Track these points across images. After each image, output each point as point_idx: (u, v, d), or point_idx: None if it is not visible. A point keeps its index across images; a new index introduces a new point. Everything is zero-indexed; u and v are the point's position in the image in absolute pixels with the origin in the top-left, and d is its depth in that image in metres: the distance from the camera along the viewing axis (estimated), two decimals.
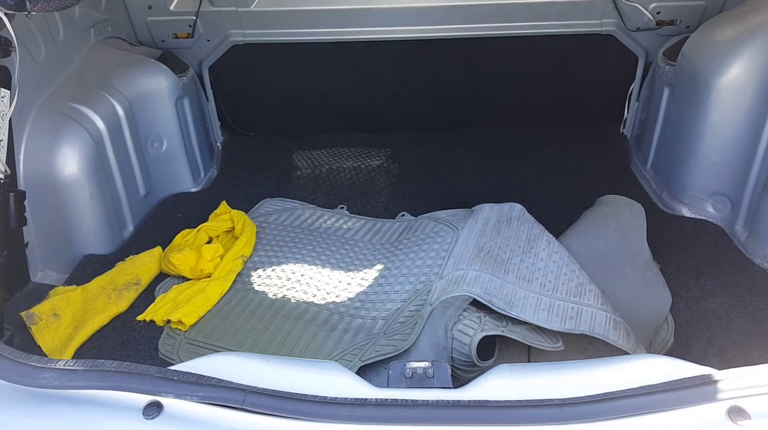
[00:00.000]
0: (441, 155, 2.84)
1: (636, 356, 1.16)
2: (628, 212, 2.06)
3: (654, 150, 2.51)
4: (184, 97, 2.53)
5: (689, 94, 2.19)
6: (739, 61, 2.01)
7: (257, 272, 2.02)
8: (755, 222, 2.01)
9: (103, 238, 2.13)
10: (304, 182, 2.70)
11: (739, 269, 1.93)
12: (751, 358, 1.61)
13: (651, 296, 1.87)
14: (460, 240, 1.98)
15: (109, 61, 2.34)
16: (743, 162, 2.06)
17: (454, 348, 1.58)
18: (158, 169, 2.46)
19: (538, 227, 2.00)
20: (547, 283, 1.78)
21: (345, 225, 2.32)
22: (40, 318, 1.78)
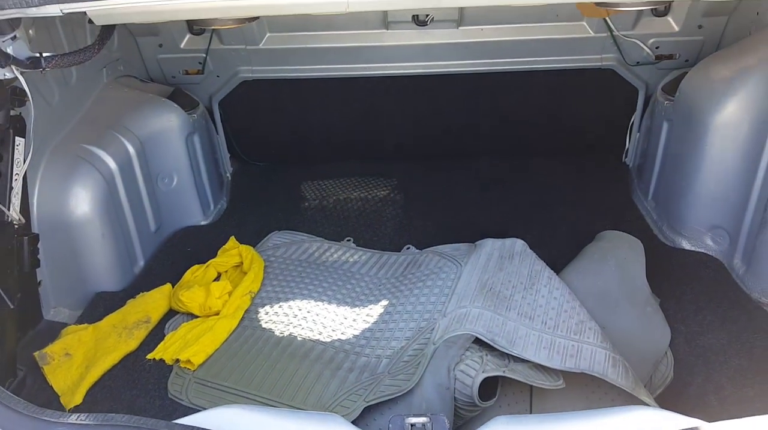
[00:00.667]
0: (446, 185, 2.90)
1: (630, 408, 1.18)
2: (627, 248, 2.10)
3: (655, 182, 2.55)
4: (195, 134, 2.60)
5: (687, 129, 2.24)
6: (734, 99, 2.05)
7: (265, 309, 2.07)
8: (752, 257, 2.05)
9: (115, 275, 2.19)
10: (312, 214, 2.76)
11: (737, 304, 1.96)
12: (747, 396, 1.64)
13: (651, 332, 1.91)
14: (463, 276, 2.02)
15: (121, 100, 2.41)
16: (740, 198, 2.09)
17: (456, 388, 1.61)
18: (168, 205, 2.53)
19: (539, 264, 2.04)
20: (548, 320, 1.82)
21: (351, 258, 2.37)
22: (53, 358, 1.83)
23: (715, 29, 2.50)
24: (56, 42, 2.04)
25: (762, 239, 2.00)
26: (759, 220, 2.02)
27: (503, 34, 2.58)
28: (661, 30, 2.55)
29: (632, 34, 2.56)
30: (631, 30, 2.56)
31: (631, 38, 2.57)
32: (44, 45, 1.87)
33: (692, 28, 2.51)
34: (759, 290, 2.02)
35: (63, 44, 2.07)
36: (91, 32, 2.22)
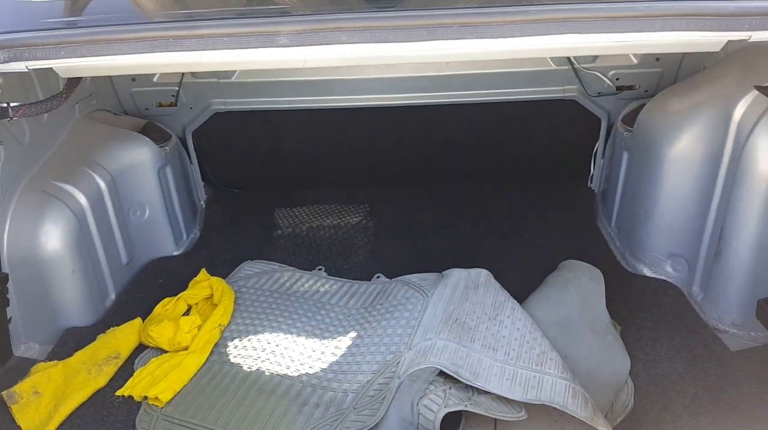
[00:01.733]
0: (416, 212, 2.95)
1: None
2: (588, 278, 2.16)
3: (617, 209, 2.63)
4: (167, 166, 2.63)
5: (645, 160, 2.32)
6: (688, 133, 2.13)
7: (234, 343, 2.09)
8: (709, 285, 2.12)
9: (85, 310, 2.20)
10: (284, 242, 2.80)
11: (694, 331, 2.03)
12: (701, 424, 1.69)
13: (611, 361, 1.96)
14: (429, 307, 2.07)
15: (93, 136, 2.44)
16: (696, 227, 2.17)
17: (419, 424, 1.65)
18: (140, 236, 2.55)
19: (503, 294, 2.10)
20: (511, 351, 1.87)
21: (322, 288, 2.40)
22: (21, 397, 1.84)
23: (673, 61, 2.60)
24: (28, 86, 2.06)
25: (717, 268, 2.07)
26: (714, 249, 2.09)
27: (468, 68, 2.65)
28: (621, 63, 2.64)
29: (593, 66, 2.65)
30: (592, 63, 2.65)
31: (592, 71, 2.66)
32: (15, 89, 1.90)
33: (650, 61, 2.61)
34: (715, 317, 2.10)
35: (36, 87, 2.09)
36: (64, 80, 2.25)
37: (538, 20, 1.23)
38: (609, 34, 1.25)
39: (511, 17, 1.24)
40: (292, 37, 1.25)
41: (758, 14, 1.28)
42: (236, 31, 1.27)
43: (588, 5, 1.27)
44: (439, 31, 1.23)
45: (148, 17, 1.47)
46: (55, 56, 1.34)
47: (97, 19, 1.40)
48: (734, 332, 2.05)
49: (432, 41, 1.23)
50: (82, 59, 1.33)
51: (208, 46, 1.27)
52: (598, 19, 1.24)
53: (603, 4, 1.27)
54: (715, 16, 1.27)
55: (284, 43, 1.25)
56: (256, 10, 1.37)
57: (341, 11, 1.31)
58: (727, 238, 2.01)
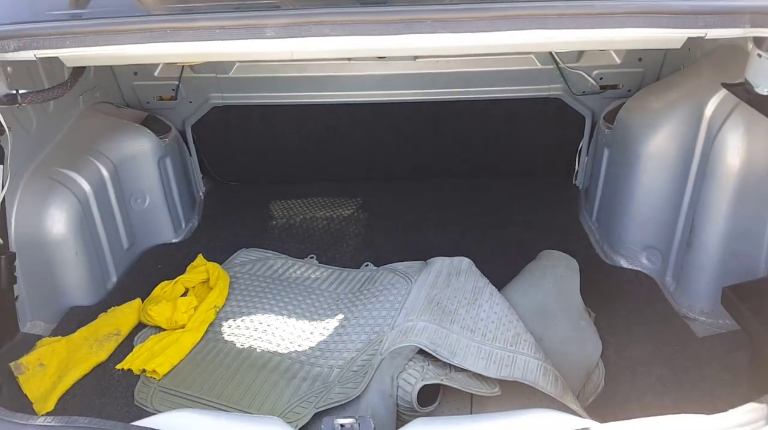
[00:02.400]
0: (406, 205, 3.06)
1: (535, 410, 1.33)
2: (564, 267, 2.27)
3: (598, 204, 2.74)
4: (167, 157, 2.75)
5: (623, 156, 2.42)
6: (663, 130, 2.24)
7: (228, 323, 2.21)
8: (681, 275, 2.23)
9: (88, 290, 2.32)
10: (279, 232, 2.91)
11: (664, 319, 2.13)
12: (664, 402, 1.80)
13: (583, 344, 2.07)
14: (412, 292, 2.18)
15: (96, 126, 2.56)
16: (670, 220, 2.28)
17: (398, 395, 1.76)
18: (141, 223, 2.67)
19: (482, 280, 2.21)
20: (487, 332, 1.98)
21: (313, 275, 2.52)
22: (27, 368, 1.95)
23: (655, 61, 2.70)
24: (35, 75, 2.18)
25: (688, 259, 2.18)
26: (686, 241, 2.20)
27: (457, 66, 2.76)
28: (605, 62, 2.75)
29: (577, 66, 2.76)
30: (576, 62, 2.75)
31: (576, 70, 2.76)
32: (23, 78, 2.02)
33: (633, 61, 2.71)
34: (686, 306, 2.20)
35: (41, 77, 2.21)
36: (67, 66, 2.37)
37: (505, 17, 1.34)
38: (573, 30, 1.36)
39: (479, 14, 1.34)
40: (278, 30, 1.36)
41: (712, 12, 1.39)
42: (228, 23, 1.38)
43: (554, 2, 1.38)
44: (415, 25, 1.34)
45: (147, 11, 1.59)
46: (62, 46, 1.45)
47: (100, 12, 1.52)
48: (703, 320, 2.15)
49: (407, 35, 1.34)
50: (86, 49, 1.44)
51: (203, 37, 1.38)
52: (563, 15, 1.34)
53: (567, 2, 1.38)
54: (671, 14, 1.37)
55: (271, 35, 1.36)
56: (247, 5, 1.48)
57: (325, 6, 1.42)
58: (698, 230, 2.11)
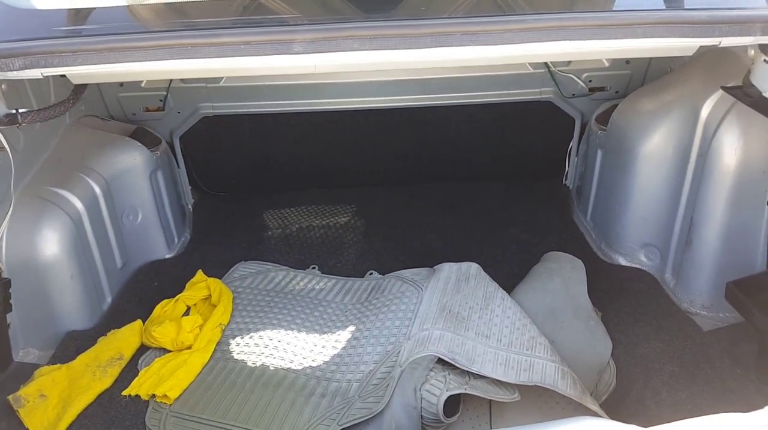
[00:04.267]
0: (404, 210, 3.06)
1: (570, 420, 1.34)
2: (570, 268, 2.30)
3: (592, 204, 2.79)
4: (158, 170, 2.67)
5: (618, 158, 2.47)
6: (658, 131, 2.29)
7: (236, 340, 2.16)
8: (680, 272, 2.28)
9: (84, 313, 2.23)
10: (276, 243, 2.86)
11: (668, 314, 2.18)
12: (680, 399, 1.84)
13: (594, 344, 2.10)
14: (424, 300, 2.17)
15: (85, 141, 2.46)
16: (668, 219, 2.33)
17: (423, 407, 1.75)
18: (134, 240, 2.58)
19: (492, 285, 2.22)
20: (502, 337, 1.99)
21: (317, 286, 2.48)
22: (27, 400, 1.86)
23: (641, 64, 2.77)
24: (22, 92, 2.08)
25: (687, 257, 2.24)
26: (684, 239, 2.26)
27: (451, 72, 2.77)
28: (593, 66, 2.80)
29: (567, 69, 2.80)
30: (567, 66, 2.80)
31: (567, 74, 2.81)
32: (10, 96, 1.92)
33: (620, 64, 2.77)
34: (687, 301, 2.26)
35: (29, 96, 2.11)
36: (55, 86, 2.27)
37: (534, 28, 1.35)
38: (596, 41, 1.38)
39: (509, 26, 1.35)
40: (306, 45, 1.33)
41: (727, 22, 1.43)
42: (253, 39, 1.34)
43: (578, 14, 1.40)
44: (443, 38, 1.33)
45: (158, 26, 1.53)
46: (72, 63, 1.39)
47: (111, 27, 1.45)
48: (705, 314, 2.21)
49: (437, 48, 1.34)
50: (97, 66, 1.38)
51: (226, 53, 1.34)
52: (588, 27, 1.36)
53: (591, 14, 1.40)
54: (690, 23, 1.41)
55: (299, 50, 1.33)
56: (270, 19, 1.45)
57: (351, 20, 1.40)
58: (697, 228, 2.17)
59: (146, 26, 1.54)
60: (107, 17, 1.63)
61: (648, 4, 1.54)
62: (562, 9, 1.44)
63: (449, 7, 1.51)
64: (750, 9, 1.50)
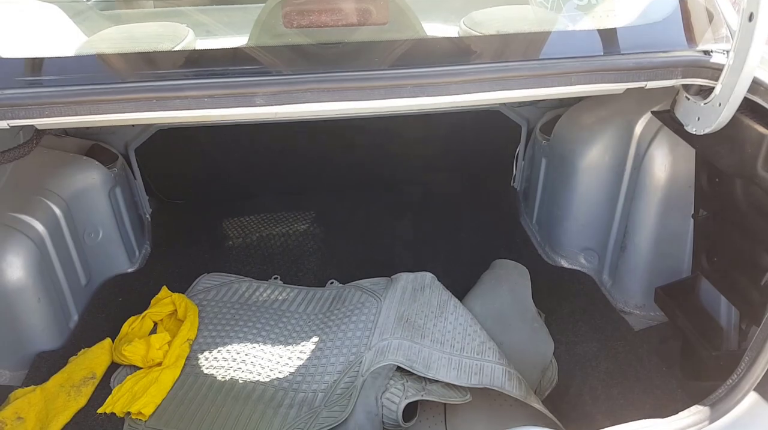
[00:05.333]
0: (361, 216, 3.18)
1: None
2: (516, 275, 2.48)
3: (537, 208, 2.97)
4: (116, 187, 2.70)
5: (561, 168, 2.65)
6: (597, 145, 2.47)
7: (204, 355, 2.26)
8: (616, 274, 2.49)
9: (52, 334, 2.28)
10: (237, 253, 2.94)
11: (605, 315, 2.39)
12: (613, 394, 2.04)
13: (538, 344, 2.29)
14: (383, 311, 2.31)
15: (42, 163, 2.47)
16: (605, 225, 2.53)
17: (384, 414, 1.91)
18: (96, 257, 2.62)
19: (446, 294, 2.38)
20: (455, 343, 2.16)
21: (280, 296, 2.59)
22: (5, 423, 1.92)
23: None
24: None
25: (622, 261, 2.45)
26: (620, 244, 2.46)
27: None
28: None
29: None
30: None
31: None
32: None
33: None
34: (622, 302, 2.47)
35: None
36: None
37: (475, 80, 1.47)
38: (533, 90, 1.52)
39: (453, 78, 1.47)
40: (267, 98, 1.42)
41: (652, 68, 1.60)
42: (216, 92, 1.42)
43: (515, 65, 1.53)
44: (397, 90, 1.45)
45: (124, 75, 1.58)
46: (39, 116, 1.44)
47: (77, 79, 1.49)
48: (637, 313, 2.43)
49: (390, 99, 1.45)
50: (64, 119, 1.43)
51: (191, 106, 1.41)
52: (525, 77, 1.50)
53: (527, 64, 1.54)
54: (617, 70, 1.57)
55: (260, 103, 1.42)
56: (233, 70, 1.52)
57: (311, 71, 1.49)
58: (630, 235, 2.38)
59: (112, 75, 1.58)
60: (73, 65, 1.66)
61: (576, 48, 1.68)
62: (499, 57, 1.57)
63: (398, 56, 1.62)
64: (672, 51, 1.66)
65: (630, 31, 1.78)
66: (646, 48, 1.66)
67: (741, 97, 1.55)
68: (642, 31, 1.78)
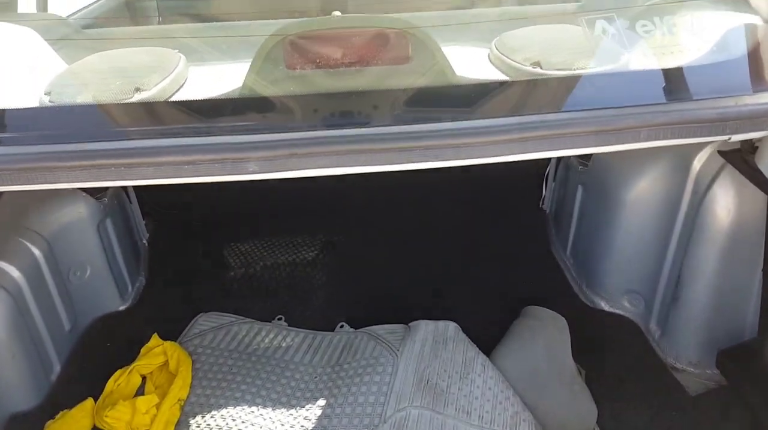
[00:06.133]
0: (374, 243, 2.89)
1: None
2: (553, 327, 2.18)
3: (572, 238, 2.66)
4: (107, 218, 2.42)
5: (601, 199, 2.34)
6: (646, 178, 2.15)
7: (196, 420, 1.99)
8: (666, 324, 2.18)
9: (29, 391, 2.03)
10: (238, 285, 2.68)
11: (656, 374, 2.09)
12: None
13: (578, 410, 2.00)
14: (400, 369, 2.03)
15: (21, 198, 2.21)
16: (654, 267, 2.22)
17: None
18: (83, 297, 2.36)
19: (472, 349, 2.10)
20: (484, 414, 1.88)
21: (284, 343, 2.32)
22: None
23: None
24: None
25: (675, 312, 2.13)
26: (671, 290, 2.15)
27: None
28: None
29: None
30: None
31: None
32: None
33: None
34: (673, 355, 2.16)
35: None
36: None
37: (519, 139, 1.17)
38: (589, 148, 1.21)
39: (491, 137, 1.17)
40: (262, 164, 1.14)
41: (738, 118, 1.28)
42: (199, 158, 1.14)
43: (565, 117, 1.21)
44: (404, 155, 1.15)
45: (90, 134, 1.28)
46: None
47: (32, 137, 1.20)
48: (691, 371, 2.12)
49: (395, 164, 1.16)
50: (20, 186, 1.16)
51: (168, 174, 1.14)
52: (579, 134, 1.19)
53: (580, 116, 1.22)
54: (698, 123, 1.25)
55: (254, 169, 1.14)
56: (220, 128, 1.23)
57: (314, 129, 1.20)
58: (685, 284, 2.06)
59: (77, 132, 1.29)
60: (31, 118, 1.37)
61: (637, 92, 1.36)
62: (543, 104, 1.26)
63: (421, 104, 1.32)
64: (763, 96, 1.34)
65: (706, 70, 1.45)
66: (727, 92, 1.33)
67: None
68: (720, 70, 1.45)
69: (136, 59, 1.72)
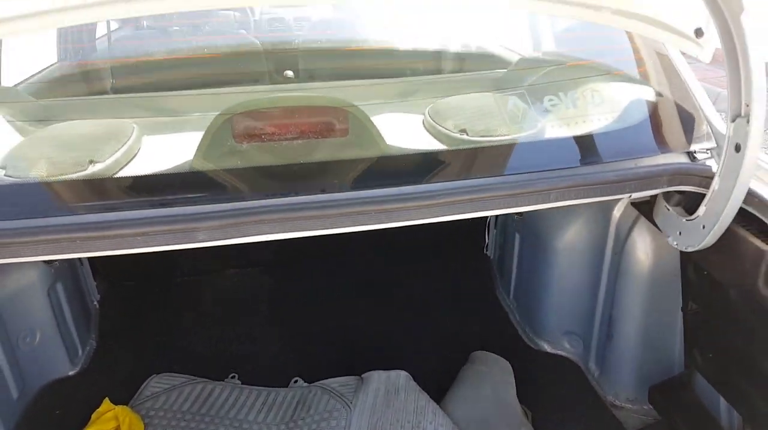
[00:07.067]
0: (324, 292, 2.97)
1: None
2: (499, 371, 2.29)
3: (514, 283, 2.80)
4: (57, 283, 2.42)
5: (537, 247, 2.50)
6: (572, 227, 2.33)
7: None
8: (603, 363, 2.32)
9: None
10: (191, 343, 2.69)
11: (595, 413, 2.21)
12: None
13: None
14: (353, 425, 2.09)
15: None
16: (588, 309, 2.37)
17: None
18: (32, 362, 2.33)
19: (423, 398, 2.17)
20: None
21: (238, 401, 2.33)
22: None
23: None
24: None
25: (609, 350, 2.27)
26: (605, 330, 2.30)
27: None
28: None
29: None
30: None
31: None
32: None
33: None
34: (612, 393, 2.29)
35: None
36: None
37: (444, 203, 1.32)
38: (508, 209, 1.36)
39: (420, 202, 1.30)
40: (211, 233, 1.22)
41: (636, 179, 1.45)
42: (151, 229, 1.22)
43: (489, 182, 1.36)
44: (359, 218, 1.27)
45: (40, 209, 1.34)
46: None
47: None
48: (629, 407, 2.25)
49: (348, 227, 1.27)
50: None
51: (122, 246, 1.20)
52: (501, 197, 1.34)
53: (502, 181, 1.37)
54: (600, 184, 1.42)
55: (203, 238, 1.22)
56: (169, 199, 1.31)
57: (261, 198, 1.30)
58: (616, 324, 2.22)
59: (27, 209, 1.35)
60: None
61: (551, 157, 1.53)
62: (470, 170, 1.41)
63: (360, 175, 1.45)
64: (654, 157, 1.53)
65: (607, 137, 1.65)
66: (626, 155, 1.51)
67: (727, 223, 1.41)
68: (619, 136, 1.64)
69: (89, 131, 1.79)
